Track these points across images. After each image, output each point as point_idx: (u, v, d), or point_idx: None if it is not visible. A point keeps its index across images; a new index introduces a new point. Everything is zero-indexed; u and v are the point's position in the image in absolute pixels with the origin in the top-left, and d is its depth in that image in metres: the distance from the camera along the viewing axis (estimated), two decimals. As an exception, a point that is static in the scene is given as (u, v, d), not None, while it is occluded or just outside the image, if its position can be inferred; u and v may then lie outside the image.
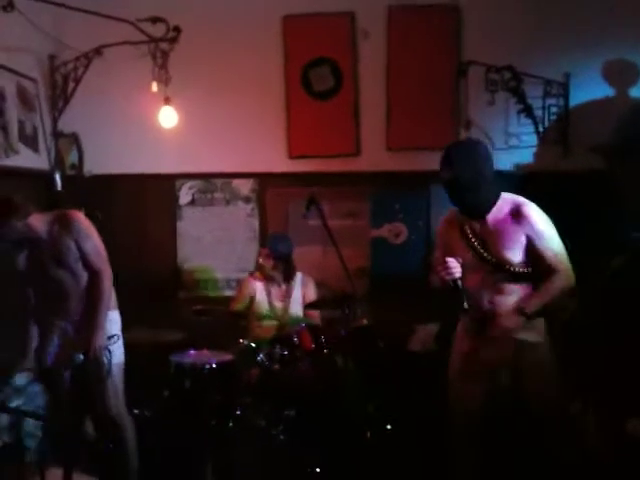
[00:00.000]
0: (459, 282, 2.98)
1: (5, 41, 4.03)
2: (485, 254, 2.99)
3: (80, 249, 3.28)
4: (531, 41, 4.55)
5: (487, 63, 4.45)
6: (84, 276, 3.34)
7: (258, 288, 4.36)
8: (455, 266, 2.97)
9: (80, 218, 3.32)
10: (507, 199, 3.04)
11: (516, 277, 3.01)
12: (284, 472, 3.41)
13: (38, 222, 3.24)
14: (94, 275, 3.32)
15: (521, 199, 3.04)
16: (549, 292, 2.99)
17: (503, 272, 2.99)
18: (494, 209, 3.00)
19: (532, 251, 2.98)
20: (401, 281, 4.66)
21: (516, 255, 2.98)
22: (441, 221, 3.30)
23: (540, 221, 2.98)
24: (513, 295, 3.03)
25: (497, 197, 3.02)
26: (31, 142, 4.41)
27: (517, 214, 2.97)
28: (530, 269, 3.02)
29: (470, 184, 2.92)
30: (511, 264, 2.98)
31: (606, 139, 4.43)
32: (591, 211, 4.38)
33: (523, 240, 2.97)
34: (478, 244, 3.01)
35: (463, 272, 3.02)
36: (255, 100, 4.80)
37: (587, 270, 3.55)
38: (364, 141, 4.87)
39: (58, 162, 4.73)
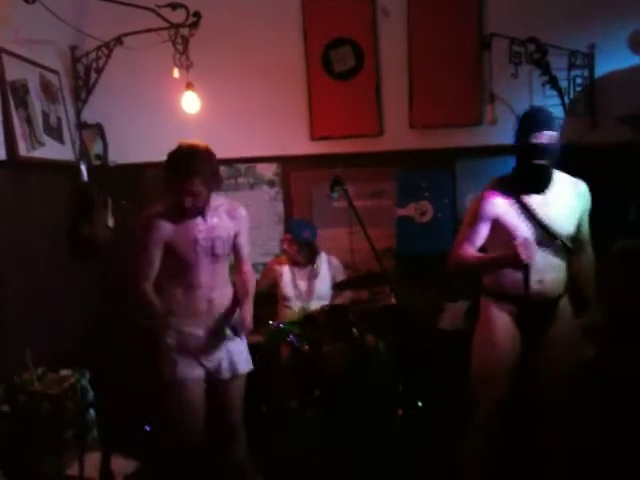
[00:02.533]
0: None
1: (27, 33, 4.04)
2: (551, 230, 2.92)
3: (236, 243, 3.20)
4: (555, 12, 4.47)
5: (510, 35, 4.39)
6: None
7: (284, 271, 4.40)
8: (535, 248, 2.81)
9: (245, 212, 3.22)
10: (561, 174, 3.01)
11: (570, 253, 3.00)
12: (317, 452, 3.44)
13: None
14: (246, 271, 3.22)
15: (572, 177, 3.03)
16: (591, 282, 3.03)
17: (561, 248, 2.95)
18: (554, 185, 2.97)
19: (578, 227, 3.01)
20: (428, 259, 4.64)
21: (574, 230, 2.99)
22: (486, 194, 3.03)
23: (590, 198, 3.02)
24: (559, 273, 3.01)
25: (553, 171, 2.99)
26: (56, 134, 4.43)
27: (577, 189, 2.98)
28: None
29: (556, 151, 2.89)
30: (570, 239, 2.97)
31: (633, 110, 4.35)
32: (620, 183, 4.33)
33: (578, 216, 2.99)
34: (544, 219, 2.92)
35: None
36: (276, 83, 4.79)
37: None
38: (387, 120, 4.83)
39: (83, 153, 4.76)
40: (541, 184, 2.95)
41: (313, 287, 4.37)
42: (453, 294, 4.44)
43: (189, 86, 4.38)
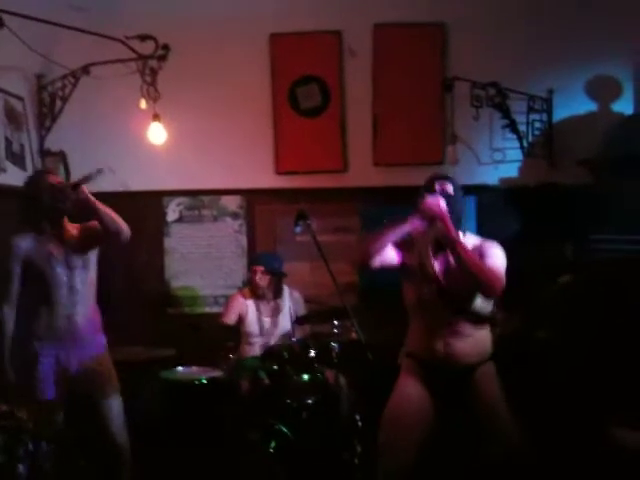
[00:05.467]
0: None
1: (-7, 59, 4.04)
2: (447, 288, 2.85)
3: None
4: (515, 58, 4.64)
5: (472, 79, 4.52)
6: None
7: (249, 306, 4.36)
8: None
9: None
10: (474, 238, 2.97)
11: (476, 318, 2.90)
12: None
13: None
14: None
15: (488, 240, 2.95)
16: (477, 262, 2.78)
17: (463, 311, 2.87)
18: None
19: None
20: (390, 295, 4.66)
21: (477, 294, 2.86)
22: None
23: (498, 253, 2.87)
24: (471, 338, 2.91)
25: (464, 234, 2.94)
26: (19, 160, 4.39)
27: (479, 247, 2.89)
28: (492, 312, 2.93)
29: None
30: (472, 302, 2.87)
31: (589, 153, 4.49)
32: (575, 225, 4.44)
33: None
34: (444, 275, 2.87)
35: (418, 310, 2.96)
36: (243, 117, 4.84)
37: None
38: (351, 157, 4.91)
39: (45, 180, 4.71)
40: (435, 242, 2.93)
41: (277, 323, 4.34)
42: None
43: (156, 117, 4.37)
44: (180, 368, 3.98)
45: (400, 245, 3.02)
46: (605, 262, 4.09)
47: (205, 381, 3.77)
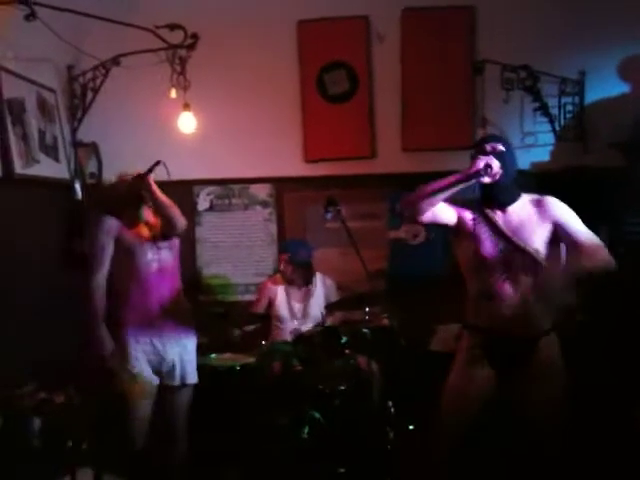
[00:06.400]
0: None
1: (25, 51, 4.08)
2: (517, 242, 2.84)
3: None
4: (546, 40, 4.55)
5: (502, 62, 4.46)
6: None
7: (278, 291, 4.39)
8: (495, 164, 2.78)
9: None
10: (528, 196, 2.95)
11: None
12: (308, 472, 3.43)
13: None
14: None
15: (544, 197, 2.94)
16: (593, 261, 2.73)
17: (529, 264, 2.84)
18: (516, 204, 2.91)
19: (563, 238, 2.86)
20: (420, 281, 4.67)
21: (543, 246, 2.86)
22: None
23: (563, 207, 2.89)
24: (535, 309, 2.85)
25: (519, 192, 2.94)
26: (51, 151, 4.46)
27: (539, 204, 2.89)
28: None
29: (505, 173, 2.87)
30: (539, 254, 2.85)
31: (622, 136, 4.42)
32: (609, 209, 4.38)
33: (549, 229, 2.87)
34: (508, 232, 2.86)
35: (482, 271, 2.90)
36: (271, 105, 4.85)
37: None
38: (380, 143, 4.89)
39: (78, 171, 4.78)
40: (497, 196, 2.92)
41: (308, 308, 4.37)
42: (444, 316, 4.45)
43: (186, 107, 4.40)
44: (213, 355, 4.03)
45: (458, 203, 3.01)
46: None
47: (238, 367, 3.81)
